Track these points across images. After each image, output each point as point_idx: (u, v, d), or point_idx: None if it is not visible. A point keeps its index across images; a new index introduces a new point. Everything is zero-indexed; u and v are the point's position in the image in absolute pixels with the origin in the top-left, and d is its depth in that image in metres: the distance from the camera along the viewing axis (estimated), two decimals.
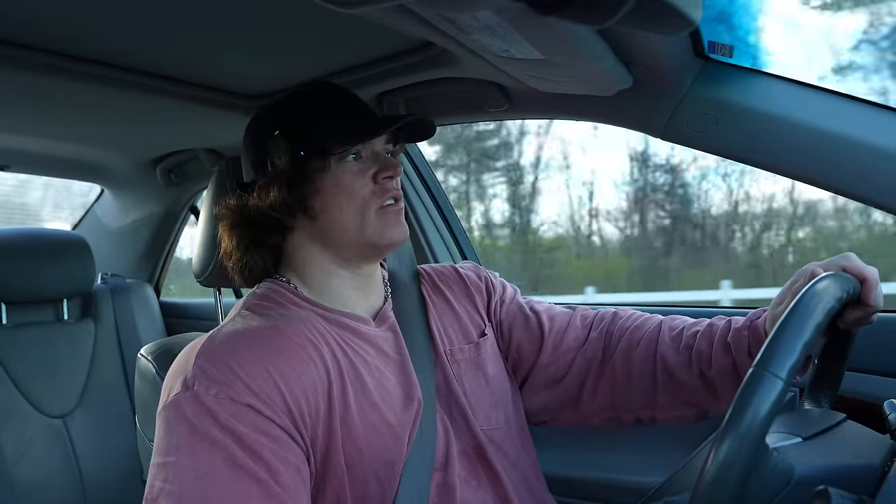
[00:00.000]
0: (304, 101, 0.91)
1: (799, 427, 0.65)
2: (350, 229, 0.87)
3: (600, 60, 0.88)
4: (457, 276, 1.06)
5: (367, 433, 0.79)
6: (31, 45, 1.05)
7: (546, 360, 1.00)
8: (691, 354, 0.91)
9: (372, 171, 0.87)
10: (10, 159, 1.89)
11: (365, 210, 0.86)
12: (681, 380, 0.92)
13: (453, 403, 0.91)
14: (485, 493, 0.88)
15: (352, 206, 0.86)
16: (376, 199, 0.87)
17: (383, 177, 0.87)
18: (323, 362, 0.79)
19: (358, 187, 0.86)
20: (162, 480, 0.69)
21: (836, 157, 0.93)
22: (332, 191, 0.86)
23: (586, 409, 0.99)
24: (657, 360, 0.93)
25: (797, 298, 0.61)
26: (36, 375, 1.79)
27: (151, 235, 2.23)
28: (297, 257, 0.91)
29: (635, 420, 0.98)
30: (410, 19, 0.73)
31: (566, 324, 1.02)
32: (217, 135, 1.65)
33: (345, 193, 0.86)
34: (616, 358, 0.97)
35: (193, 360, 0.74)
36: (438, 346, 0.95)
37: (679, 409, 0.94)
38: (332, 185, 0.86)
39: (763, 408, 0.52)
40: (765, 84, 1.01)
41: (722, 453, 0.52)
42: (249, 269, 0.91)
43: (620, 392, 0.96)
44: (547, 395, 1.01)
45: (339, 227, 0.87)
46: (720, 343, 0.89)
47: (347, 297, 0.91)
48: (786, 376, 0.52)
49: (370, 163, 0.88)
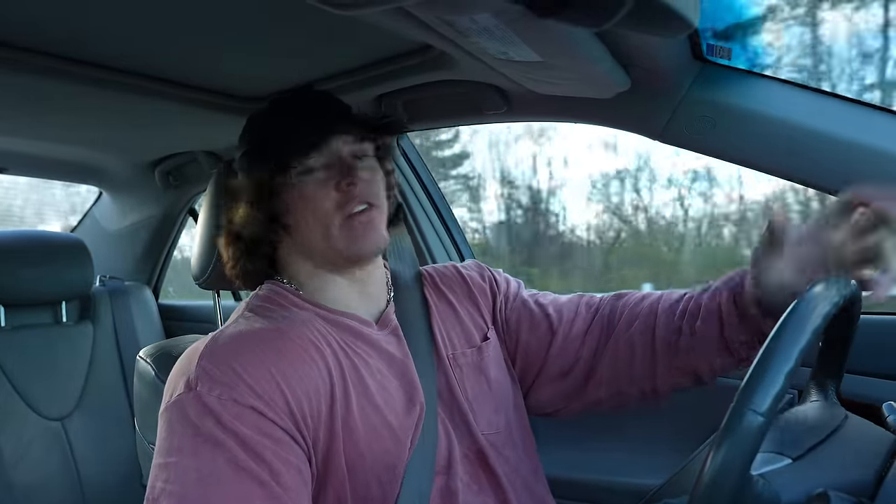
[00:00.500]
0: (268, 114, 0.92)
1: (790, 443, 0.64)
2: (318, 243, 0.86)
3: (598, 63, 0.88)
4: (459, 277, 1.05)
5: (368, 436, 0.79)
6: (30, 48, 1.05)
7: (556, 351, 0.99)
8: (686, 314, 0.91)
9: (334, 179, 0.85)
10: (8, 162, 1.89)
11: (328, 223, 0.85)
12: (675, 342, 0.91)
13: (455, 408, 0.91)
14: (486, 498, 0.87)
15: (316, 220, 0.85)
16: (339, 211, 0.85)
17: (346, 184, 0.85)
18: (325, 364, 0.79)
19: (319, 199, 0.85)
20: (163, 481, 0.69)
21: (834, 159, 0.93)
22: (298, 205, 0.86)
23: (595, 393, 0.99)
24: (656, 330, 0.93)
25: (780, 322, 0.58)
26: (34, 378, 1.78)
27: (150, 238, 2.23)
28: (291, 264, 0.92)
29: (639, 392, 0.97)
30: (408, 22, 0.73)
31: (573, 313, 1.01)
32: (215, 137, 1.65)
33: (309, 207, 0.85)
34: (619, 335, 0.96)
35: (196, 361, 0.74)
36: (441, 349, 0.94)
37: (675, 377, 0.93)
38: (298, 199, 0.86)
39: (742, 445, 0.51)
40: (763, 86, 1.01)
41: (702, 489, 0.51)
42: (247, 273, 0.92)
43: (623, 367, 0.96)
44: (558, 385, 1.01)
45: (309, 241, 0.87)
46: (710, 297, 0.89)
47: (348, 300, 0.91)
48: (767, 411, 0.51)
49: (333, 172, 0.86)
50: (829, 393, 0.78)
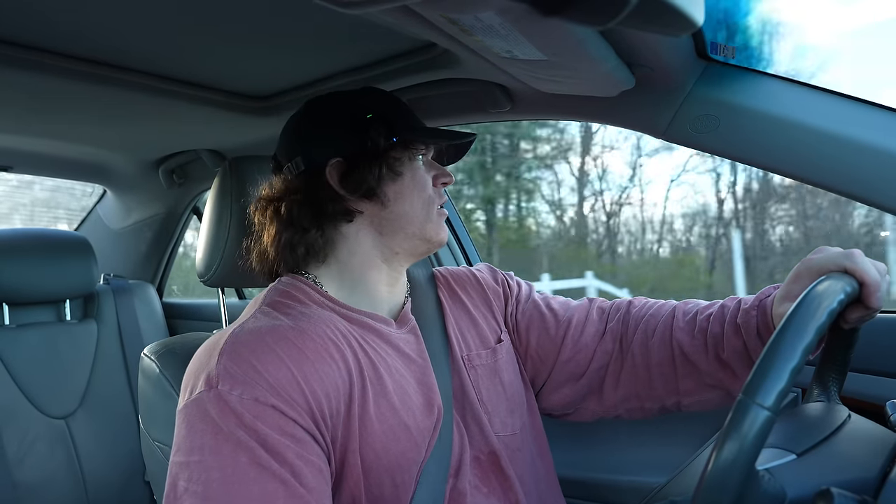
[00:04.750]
0: (386, 96, 0.94)
1: (795, 439, 0.64)
2: (415, 221, 0.90)
3: (603, 61, 0.88)
4: (473, 279, 1.06)
5: (385, 436, 0.79)
6: (35, 46, 1.06)
7: (566, 356, 1.00)
8: (706, 338, 0.91)
9: (433, 173, 0.93)
10: (13, 160, 1.89)
11: (430, 206, 0.91)
12: (699, 365, 0.91)
13: (469, 409, 0.91)
14: (494, 501, 0.88)
15: (421, 199, 0.90)
16: (438, 199, 0.93)
17: (442, 181, 0.93)
18: (345, 363, 0.79)
19: (427, 184, 0.92)
20: (186, 480, 0.68)
21: (838, 157, 0.93)
22: (407, 182, 0.90)
23: (608, 400, 0.99)
24: (674, 347, 0.93)
25: (785, 319, 0.59)
26: (38, 376, 1.79)
27: (154, 236, 2.23)
28: (346, 246, 0.90)
29: (660, 408, 0.97)
30: (413, 20, 0.74)
31: (584, 318, 1.02)
32: (220, 136, 1.65)
33: (418, 187, 0.90)
34: (634, 348, 0.96)
35: (217, 358, 0.73)
36: (455, 350, 0.94)
37: (703, 394, 0.93)
38: (409, 176, 0.90)
39: (748, 440, 0.51)
40: (767, 85, 1.01)
41: (708, 484, 0.51)
42: (293, 250, 0.88)
43: (641, 381, 0.96)
44: (568, 389, 1.01)
45: (406, 217, 0.90)
46: (731, 324, 0.89)
47: (378, 294, 0.91)
48: (772, 405, 0.52)
49: (431, 167, 0.94)
50: (831, 393, 0.78)
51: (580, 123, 9.99)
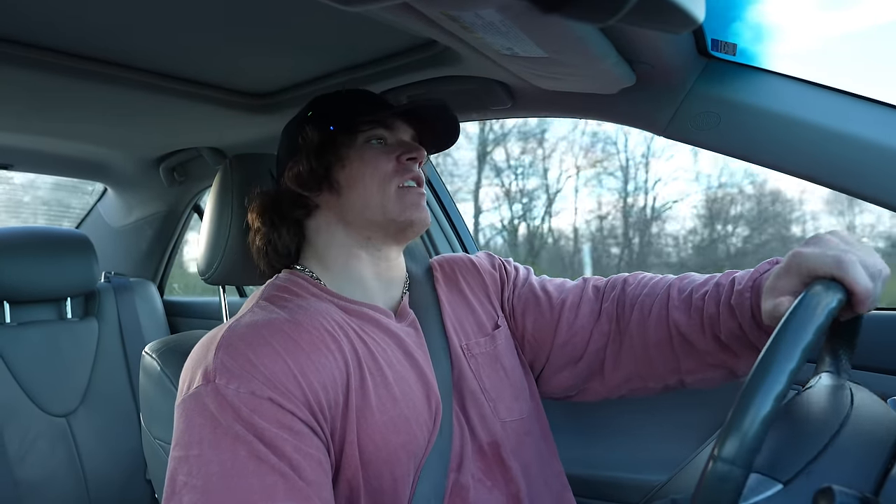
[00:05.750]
0: (338, 94, 0.97)
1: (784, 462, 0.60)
2: (371, 205, 0.89)
3: (604, 58, 0.88)
4: (471, 265, 1.06)
5: (385, 427, 0.79)
6: (35, 44, 1.05)
7: (562, 339, 0.99)
8: (702, 318, 0.89)
9: (396, 152, 0.92)
10: (14, 158, 1.89)
11: (385, 185, 0.90)
12: (697, 345, 0.90)
13: (469, 400, 0.91)
14: (498, 494, 0.87)
15: (374, 180, 0.90)
16: (397, 177, 0.90)
17: (406, 157, 0.91)
18: (342, 354, 0.79)
19: (381, 163, 0.90)
20: (185, 474, 0.68)
21: (840, 154, 0.93)
22: (356, 165, 0.90)
23: (611, 381, 0.98)
24: (671, 327, 0.92)
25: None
26: (39, 374, 1.79)
27: (155, 234, 2.23)
28: (319, 239, 0.93)
29: (663, 387, 0.97)
30: (414, 17, 0.73)
31: (578, 299, 1.01)
32: (221, 133, 1.65)
33: (368, 168, 0.90)
34: (631, 329, 0.95)
35: (214, 352, 0.74)
36: (453, 341, 0.94)
37: (706, 372, 0.92)
38: (357, 160, 0.91)
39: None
40: (768, 82, 1.01)
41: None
42: (275, 248, 0.93)
43: (641, 362, 0.95)
44: (568, 373, 1.01)
45: (361, 202, 0.90)
46: (725, 305, 0.87)
47: (368, 284, 0.92)
48: (744, 463, 0.50)
49: (395, 147, 0.93)
50: (842, 362, 0.75)
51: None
